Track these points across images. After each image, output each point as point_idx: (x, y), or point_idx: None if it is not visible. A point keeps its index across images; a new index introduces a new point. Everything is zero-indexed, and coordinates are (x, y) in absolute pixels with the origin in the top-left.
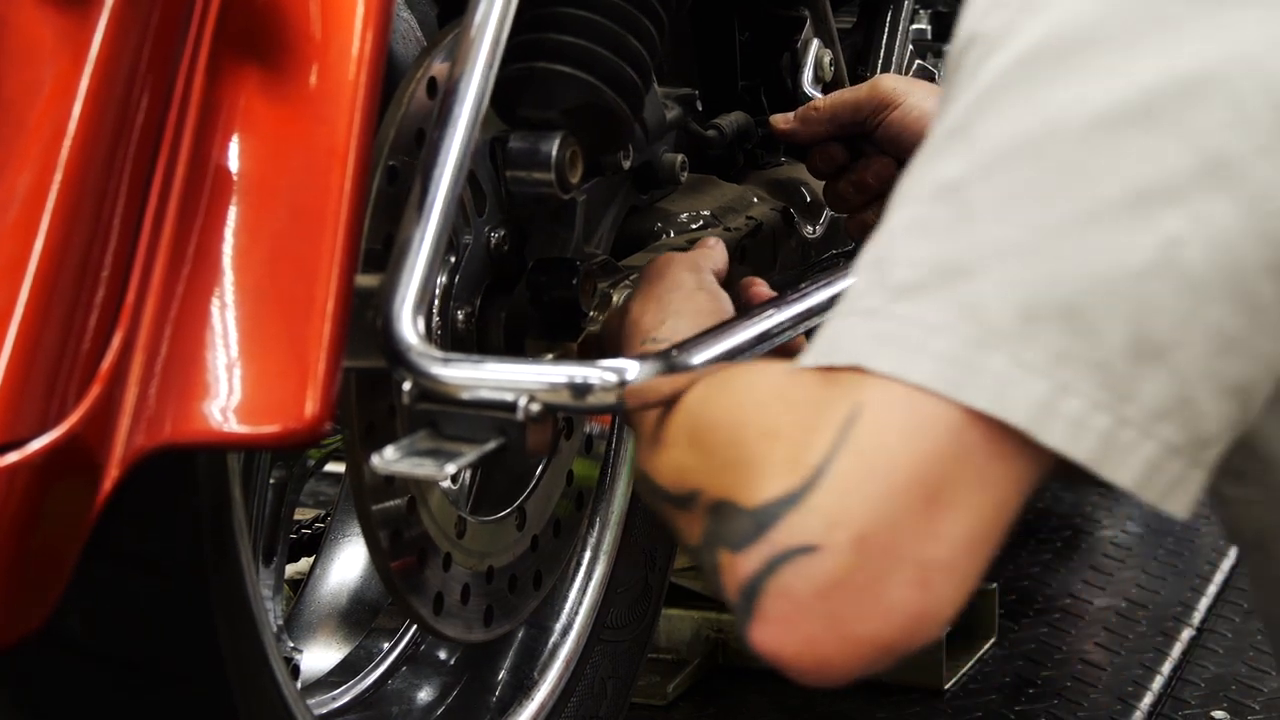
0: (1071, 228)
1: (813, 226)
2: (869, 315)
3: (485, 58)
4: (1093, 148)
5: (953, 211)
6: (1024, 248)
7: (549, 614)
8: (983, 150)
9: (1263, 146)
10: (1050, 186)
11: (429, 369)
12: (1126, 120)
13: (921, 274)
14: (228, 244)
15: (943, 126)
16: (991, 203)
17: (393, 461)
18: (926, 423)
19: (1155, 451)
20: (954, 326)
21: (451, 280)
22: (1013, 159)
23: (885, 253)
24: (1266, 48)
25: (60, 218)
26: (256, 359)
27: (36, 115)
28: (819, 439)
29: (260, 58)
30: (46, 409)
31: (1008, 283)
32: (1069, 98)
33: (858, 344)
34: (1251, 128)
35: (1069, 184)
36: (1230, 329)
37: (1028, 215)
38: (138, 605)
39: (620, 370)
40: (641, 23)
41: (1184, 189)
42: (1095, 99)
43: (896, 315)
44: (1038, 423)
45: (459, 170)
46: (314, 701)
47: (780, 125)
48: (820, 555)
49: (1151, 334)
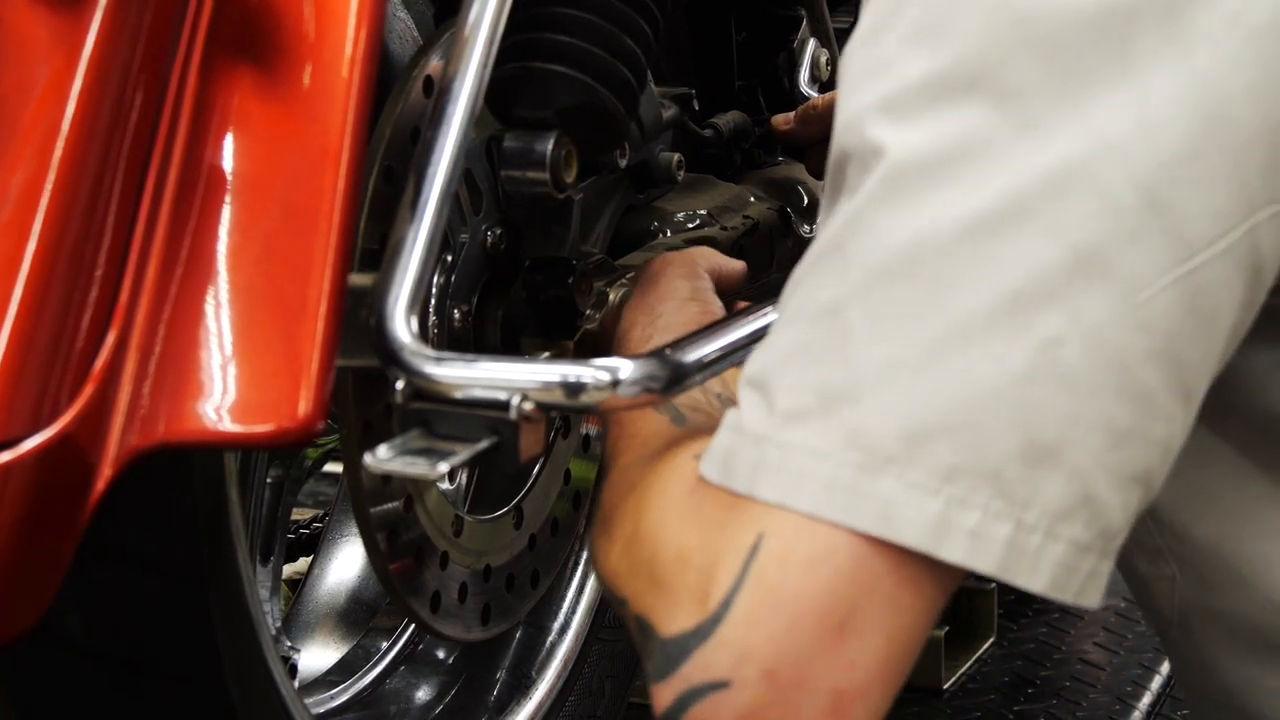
0: (948, 341)
1: (810, 226)
2: (758, 442)
3: (480, 57)
4: (963, 257)
5: (832, 334)
6: (903, 366)
7: (547, 613)
8: (857, 270)
9: (1132, 232)
10: (925, 302)
11: (422, 368)
12: (995, 225)
13: (805, 400)
14: (221, 243)
15: (819, 243)
16: (868, 323)
17: (385, 460)
18: (826, 551)
19: (1064, 552)
20: (840, 452)
21: (448, 279)
22: (885, 277)
23: (769, 376)
24: (1130, 131)
25: (54, 217)
26: (250, 358)
27: (30, 115)
28: (723, 570)
29: (254, 57)
30: (40, 408)
31: (889, 404)
32: (938, 211)
33: (748, 470)
34: (1120, 215)
35: (943, 297)
36: (1120, 421)
37: (904, 333)
38: (133, 605)
39: (613, 369)
40: (637, 22)
41: (1057, 287)
42: (964, 208)
43: (783, 443)
44: (935, 540)
45: (454, 169)
46: (312, 701)
47: (780, 126)
48: (732, 691)
49: (1041, 437)
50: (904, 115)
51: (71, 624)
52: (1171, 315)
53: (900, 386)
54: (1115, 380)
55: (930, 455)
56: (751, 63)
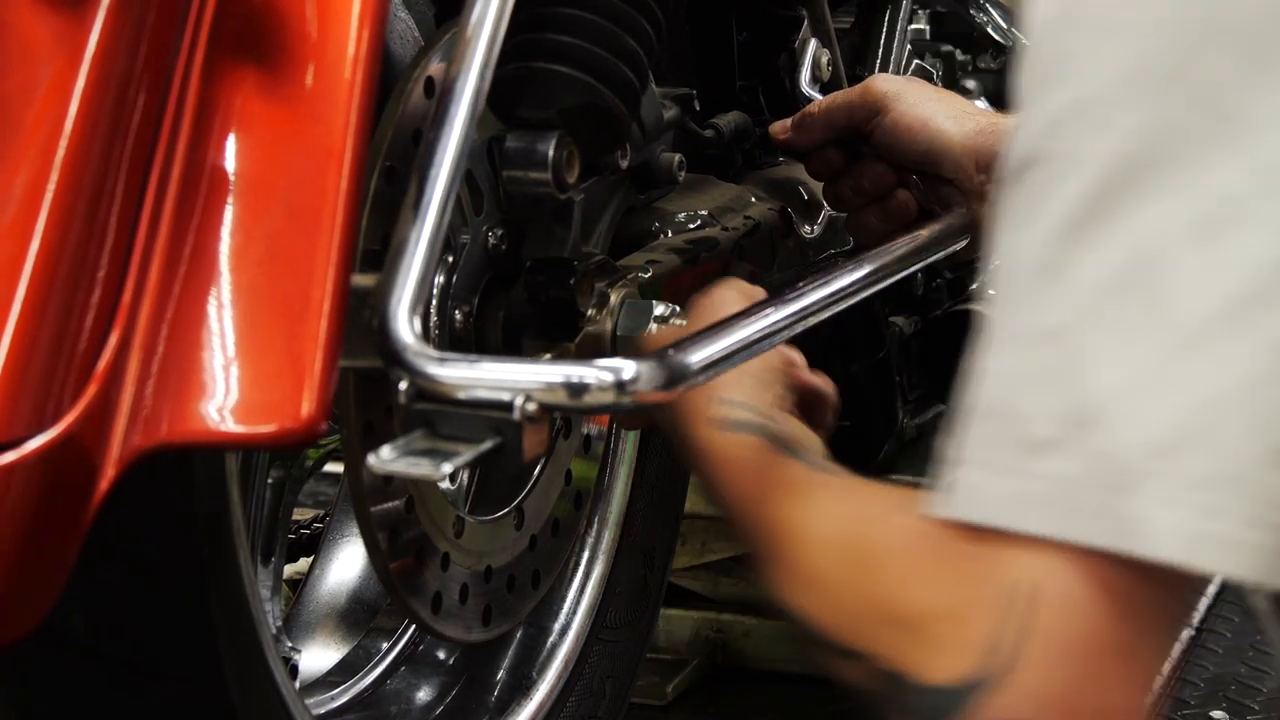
0: (1184, 352)
1: (811, 226)
2: (1006, 472)
3: (482, 57)
4: (1186, 265)
5: (1067, 359)
6: (1144, 383)
7: (548, 614)
8: (1079, 290)
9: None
10: (1154, 315)
11: (425, 368)
12: (1212, 228)
13: (1051, 429)
14: (224, 244)
15: (1024, 260)
16: (1102, 343)
17: (389, 461)
18: (1102, 580)
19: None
20: (1097, 477)
21: (449, 280)
22: (1111, 295)
23: (1003, 405)
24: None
25: (56, 218)
26: (253, 359)
27: (32, 115)
28: (994, 614)
29: (256, 57)
30: (43, 409)
31: (1136, 423)
32: (1152, 219)
33: (1003, 505)
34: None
35: (1171, 307)
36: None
37: (1140, 349)
38: (135, 605)
39: (617, 370)
40: (639, 22)
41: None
42: (1178, 214)
43: (1036, 473)
44: (1193, 554)
45: (456, 170)
46: (312, 701)
47: (779, 135)
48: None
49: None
50: (1098, 118)
51: (74, 624)
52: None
53: (1144, 404)
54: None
55: (1181, 468)
56: (752, 63)
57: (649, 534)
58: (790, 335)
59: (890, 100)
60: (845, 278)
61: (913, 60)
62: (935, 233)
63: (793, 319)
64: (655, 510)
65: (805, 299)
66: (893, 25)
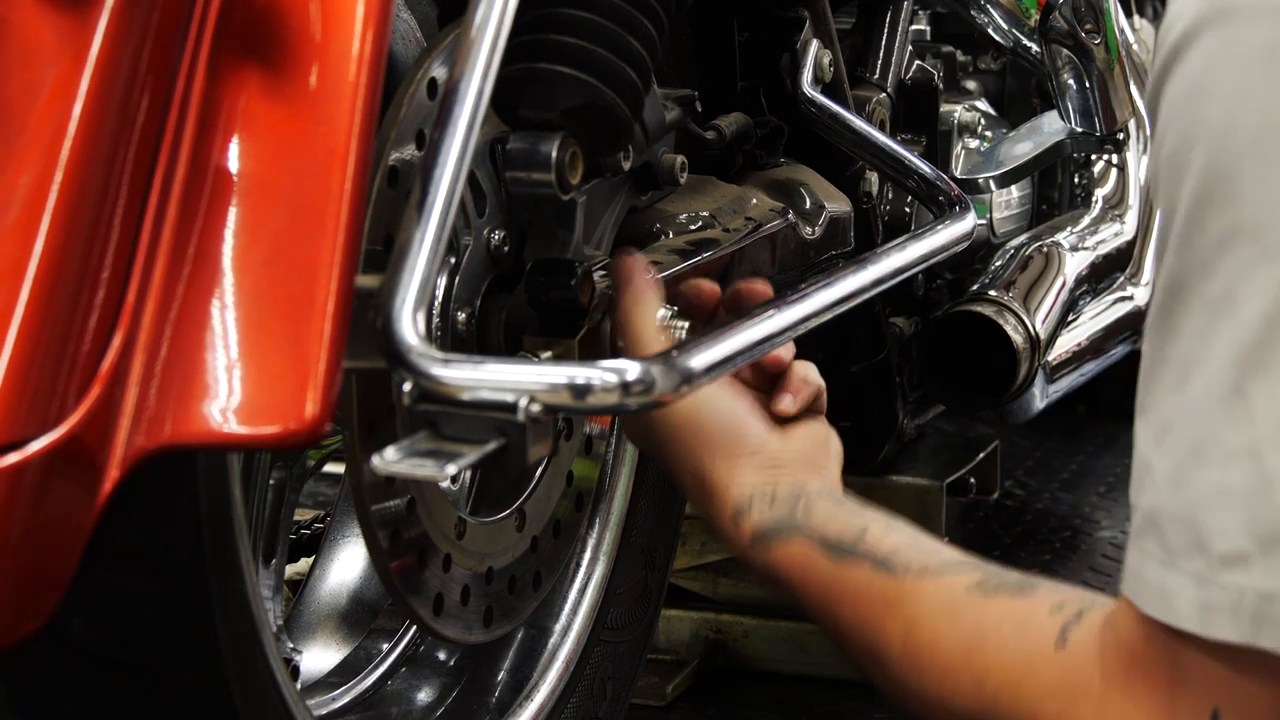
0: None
1: (812, 228)
2: (1198, 582)
3: (485, 58)
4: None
5: (1254, 478)
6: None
7: (548, 615)
8: (1266, 418)
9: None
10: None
11: (429, 370)
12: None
13: (1242, 544)
14: (228, 245)
15: (1206, 379)
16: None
17: (393, 462)
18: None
19: None
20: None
21: (451, 281)
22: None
23: (1194, 517)
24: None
25: (60, 219)
26: (256, 360)
27: (36, 116)
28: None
29: (260, 58)
30: (46, 410)
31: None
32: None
33: (1193, 611)
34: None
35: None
36: None
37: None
38: (138, 606)
39: (620, 370)
40: (641, 23)
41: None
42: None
43: (1226, 584)
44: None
45: (459, 171)
46: (314, 702)
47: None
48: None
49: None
50: (1272, 248)
51: (76, 625)
52: None
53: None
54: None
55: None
56: (754, 64)
57: (650, 535)
58: (792, 337)
59: None
60: (846, 279)
61: (913, 61)
62: (936, 235)
63: (794, 321)
64: (656, 511)
65: (806, 301)
66: (894, 26)
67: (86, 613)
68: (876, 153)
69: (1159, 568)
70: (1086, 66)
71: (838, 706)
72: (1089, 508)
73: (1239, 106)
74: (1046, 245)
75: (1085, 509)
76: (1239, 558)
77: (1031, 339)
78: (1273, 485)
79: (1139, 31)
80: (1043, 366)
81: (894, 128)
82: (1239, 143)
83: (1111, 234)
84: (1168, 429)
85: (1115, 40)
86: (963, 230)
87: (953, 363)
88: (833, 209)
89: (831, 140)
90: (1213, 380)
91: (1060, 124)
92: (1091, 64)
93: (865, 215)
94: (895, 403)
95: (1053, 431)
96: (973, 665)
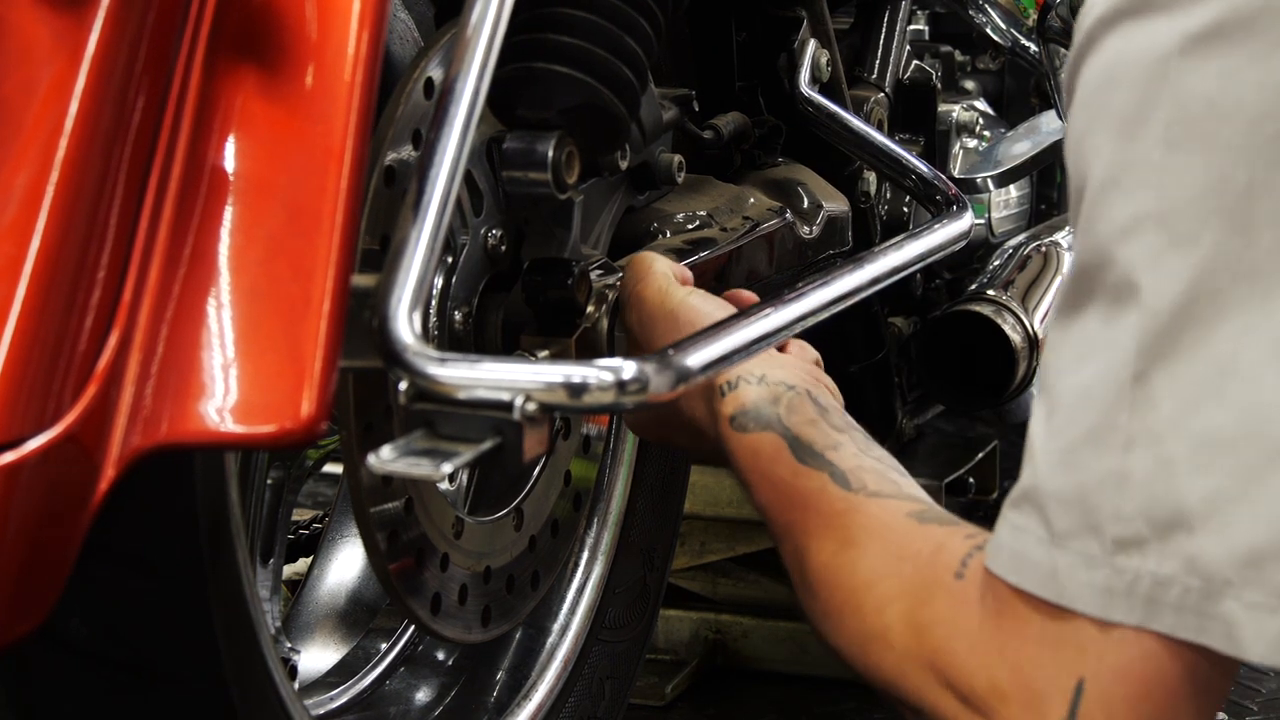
0: (1268, 466)
1: (809, 227)
2: (1090, 563)
3: (482, 58)
4: (1271, 383)
5: (1155, 466)
6: (1229, 495)
7: (547, 614)
8: (1167, 402)
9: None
10: (1239, 429)
11: (425, 369)
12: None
13: (1137, 528)
14: (224, 244)
15: (1107, 365)
16: (1189, 454)
17: (389, 461)
18: (1165, 674)
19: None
20: (1181, 579)
21: (448, 281)
22: (1198, 408)
23: (1086, 498)
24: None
25: (56, 218)
26: (253, 359)
27: (32, 115)
28: (1053, 709)
29: (256, 58)
30: (43, 409)
31: (1224, 532)
32: (1239, 336)
33: (1089, 594)
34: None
35: (1256, 422)
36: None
37: (1226, 462)
38: (135, 606)
39: (617, 370)
40: (638, 23)
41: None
42: (1263, 332)
43: (1120, 568)
44: (1276, 653)
45: (455, 170)
46: (312, 702)
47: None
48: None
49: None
50: (1180, 234)
51: (74, 625)
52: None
53: (1229, 515)
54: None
55: (1266, 577)
56: (752, 64)
57: (648, 534)
58: (789, 336)
59: None
60: (844, 279)
61: (911, 61)
62: (934, 234)
63: (792, 320)
64: (654, 510)
65: (804, 300)
66: (892, 26)
67: (83, 612)
68: (874, 152)
69: (1042, 546)
70: None
71: (837, 707)
72: None
73: (1150, 97)
74: (1045, 245)
75: None
76: (1135, 542)
77: (1030, 338)
78: (1172, 472)
79: None
80: None
81: (892, 127)
82: (1148, 133)
83: None
84: (1059, 409)
85: None
86: (960, 230)
87: (951, 362)
88: (830, 208)
89: (829, 140)
90: (1113, 365)
91: (1059, 124)
92: None
93: (863, 215)
94: (894, 402)
95: None
96: (880, 589)
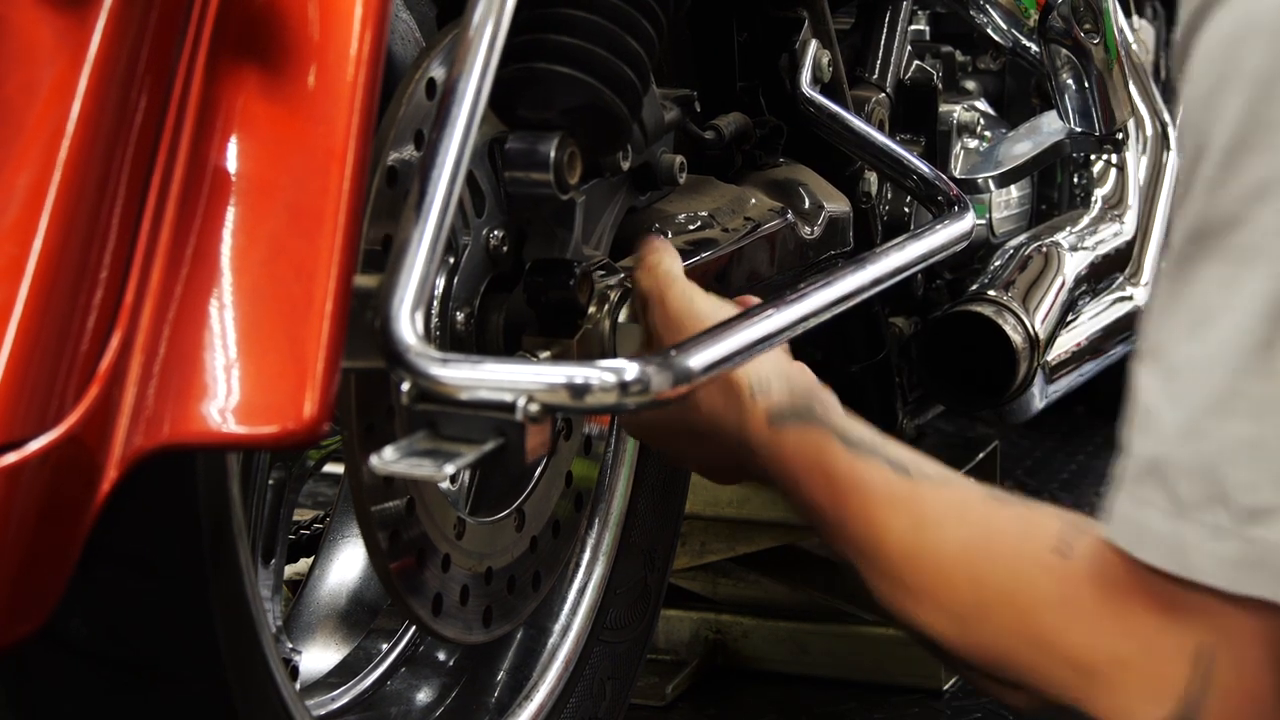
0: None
1: (810, 228)
2: (1218, 534)
3: (484, 58)
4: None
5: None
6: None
7: (548, 615)
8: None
9: None
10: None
11: (427, 369)
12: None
13: (1266, 497)
14: (226, 244)
15: (1235, 328)
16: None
17: (391, 462)
18: None
19: None
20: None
21: (450, 281)
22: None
23: (1213, 467)
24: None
25: (59, 218)
26: (255, 359)
27: (35, 116)
28: (1187, 671)
29: (259, 58)
30: (45, 409)
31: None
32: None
33: (1216, 566)
34: None
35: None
36: None
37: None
38: (136, 606)
39: (619, 370)
40: (640, 23)
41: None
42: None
43: (1251, 538)
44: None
45: (457, 171)
46: (313, 703)
47: None
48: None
49: None
50: None
51: (75, 625)
52: None
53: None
54: None
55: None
56: (753, 64)
57: (649, 535)
58: (791, 337)
59: None
60: (845, 279)
61: (912, 61)
62: (935, 235)
63: (793, 321)
64: (655, 511)
65: (806, 300)
66: (893, 26)
67: (85, 612)
68: (875, 153)
69: (1167, 518)
70: (1085, 66)
71: (837, 707)
72: (1088, 508)
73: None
74: (1046, 245)
75: (1085, 509)
76: (1267, 511)
77: (1031, 339)
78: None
79: (1138, 31)
80: (1042, 366)
81: (893, 128)
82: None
83: (1111, 234)
84: (1178, 376)
85: (1114, 40)
86: (961, 230)
87: (952, 363)
88: (832, 209)
89: (830, 140)
90: (1238, 331)
91: (1059, 124)
92: (1090, 64)
93: (864, 215)
94: (895, 403)
95: (1052, 431)
96: (974, 567)
